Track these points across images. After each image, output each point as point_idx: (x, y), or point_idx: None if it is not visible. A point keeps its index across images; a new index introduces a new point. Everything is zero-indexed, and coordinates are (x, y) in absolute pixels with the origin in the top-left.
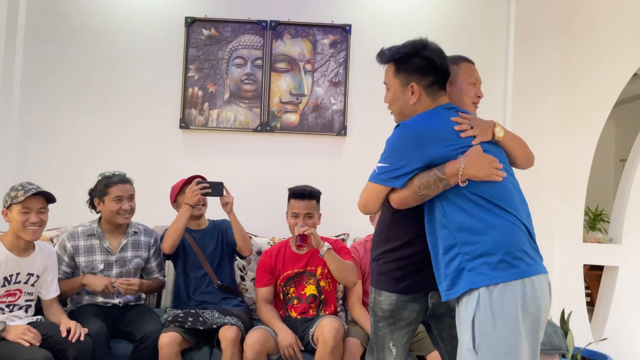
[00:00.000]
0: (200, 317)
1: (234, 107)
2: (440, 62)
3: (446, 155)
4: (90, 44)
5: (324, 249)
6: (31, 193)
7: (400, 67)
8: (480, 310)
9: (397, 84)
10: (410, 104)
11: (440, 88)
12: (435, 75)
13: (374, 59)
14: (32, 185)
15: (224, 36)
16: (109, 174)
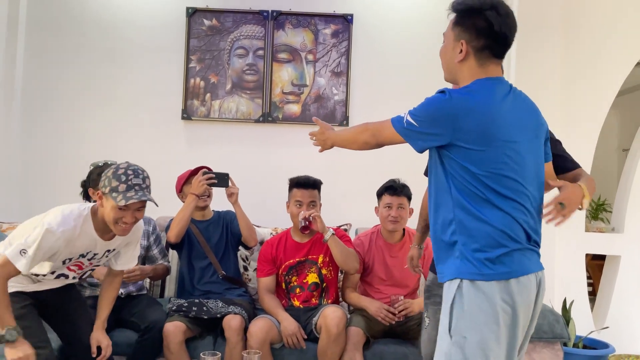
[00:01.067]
0: (204, 307)
1: (235, 98)
2: (499, 29)
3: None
4: (91, 36)
5: (328, 234)
6: (130, 202)
7: (459, 20)
8: (461, 297)
9: (450, 37)
10: (455, 62)
11: (492, 56)
12: (490, 40)
13: (377, 49)
14: (137, 177)
15: (225, 26)
16: (101, 163)
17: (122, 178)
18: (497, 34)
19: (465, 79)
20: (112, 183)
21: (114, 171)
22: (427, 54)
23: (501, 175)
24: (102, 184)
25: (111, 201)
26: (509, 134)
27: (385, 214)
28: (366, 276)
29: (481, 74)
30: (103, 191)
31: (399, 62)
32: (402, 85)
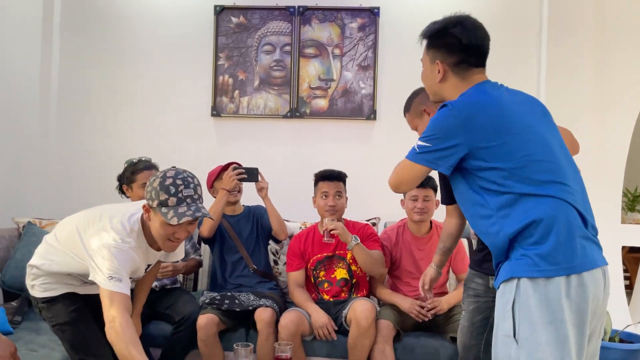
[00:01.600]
0: (236, 300)
1: (263, 94)
2: (468, 41)
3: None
4: (123, 36)
5: (352, 243)
6: (184, 221)
7: (430, 43)
8: (520, 297)
9: (426, 61)
10: (437, 83)
11: (470, 67)
12: (463, 54)
13: (404, 41)
14: (187, 189)
15: (252, 23)
16: (135, 160)
17: (171, 190)
18: (467, 47)
19: (451, 94)
20: (160, 196)
21: (161, 182)
22: None
23: (535, 161)
24: (148, 196)
25: (160, 217)
26: (521, 119)
27: (411, 206)
28: (394, 270)
29: (465, 85)
30: (150, 205)
31: None
32: None
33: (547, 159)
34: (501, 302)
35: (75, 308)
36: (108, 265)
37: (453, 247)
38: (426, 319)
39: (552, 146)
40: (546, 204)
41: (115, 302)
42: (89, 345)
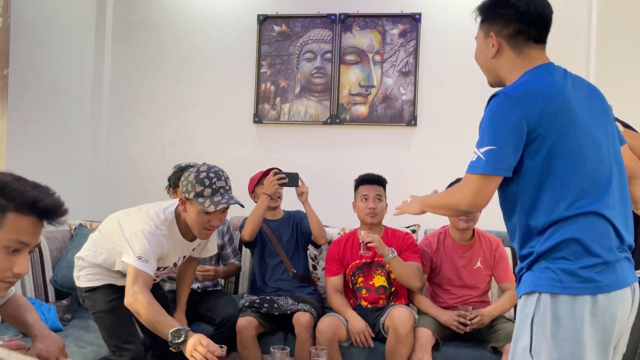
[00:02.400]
0: (275, 304)
1: (304, 101)
2: (526, 8)
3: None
4: (170, 45)
5: (388, 256)
6: (220, 207)
7: (484, 16)
8: (540, 312)
9: (480, 36)
10: (491, 59)
11: (528, 40)
12: (520, 23)
13: (445, 47)
14: (220, 180)
15: (294, 32)
16: (183, 165)
17: (206, 182)
18: (525, 13)
19: (509, 72)
20: (196, 188)
21: (196, 175)
22: None
23: (582, 170)
24: (184, 189)
25: (197, 206)
26: (580, 116)
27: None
28: (434, 277)
29: (524, 63)
30: (186, 197)
31: (467, 60)
32: (472, 83)
33: (595, 167)
34: (521, 315)
35: (113, 298)
36: (139, 246)
37: None
38: (466, 331)
39: (603, 152)
40: (581, 221)
41: (139, 279)
42: (123, 332)
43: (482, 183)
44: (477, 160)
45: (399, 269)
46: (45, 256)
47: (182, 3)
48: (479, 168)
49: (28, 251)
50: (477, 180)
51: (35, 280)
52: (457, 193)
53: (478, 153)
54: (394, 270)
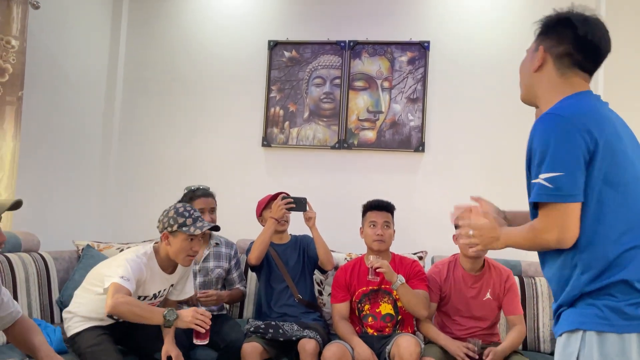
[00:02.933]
0: (280, 329)
1: (313, 125)
2: (584, 33)
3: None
4: (182, 69)
5: (397, 283)
6: (205, 229)
7: (542, 30)
8: (585, 351)
9: (531, 48)
10: (532, 72)
11: (574, 65)
12: (572, 46)
13: (453, 74)
14: (196, 212)
15: (304, 57)
16: (194, 188)
17: (186, 214)
18: (580, 39)
19: (545, 91)
20: (178, 220)
21: (175, 211)
22: (503, 80)
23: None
24: (166, 225)
25: (181, 235)
26: (626, 145)
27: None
28: (443, 306)
29: (563, 86)
30: (170, 230)
31: (475, 87)
32: (479, 110)
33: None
34: (564, 354)
35: (101, 333)
36: (122, 271)
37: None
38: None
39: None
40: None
41: (119, 290)
42: (107, 357)
43: (563, 213)
44: (544, 188)
45: (406, 297)
46: (52, 277)
47: (195, 28)
48: (554, 197)
49: None
50: (557, 211)
51: (41, 300)
52: (542, 231)
53: (542, 181)
54: (402, 297)
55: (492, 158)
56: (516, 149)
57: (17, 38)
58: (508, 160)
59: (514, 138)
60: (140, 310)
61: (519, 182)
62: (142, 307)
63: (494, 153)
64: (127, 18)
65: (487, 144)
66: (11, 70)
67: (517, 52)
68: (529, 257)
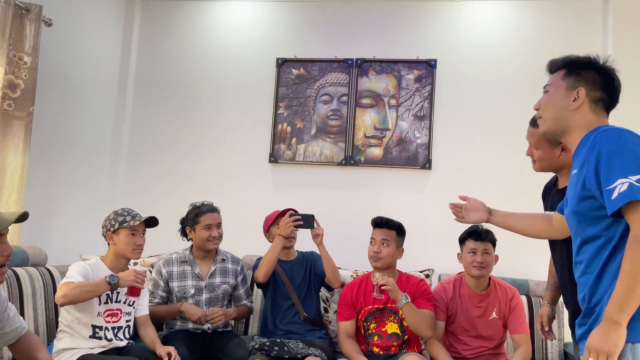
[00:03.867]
0: (285, 347)
1: (320, 142)
2: (618, 84)
3: None
4: (191, 86)
5: (401, 302)
6: (143, 219)
7: (572, 71)
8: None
9: (561, 86)
10: (569, 110)
11: (604, 109)
12: (606, 93)
13: (460, 92)
14: (134, 211)
15: (312, 75)
16: (199, 204)
17: (125, 213)
18: (612, 88)
19: (579, 128)
20: (118, 219)
21: (115, 212)
22: (511, 97)
23: None
24: (109, 226)
25: (123, 231)
26: None
27: (469, 259)
28: (449, 325)
29: (597, 124)
30: (112, 230)
31: (482, 104)
32: (486, 127)
33: None
34: None
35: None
36: (67, 274)
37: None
38: None
39: None
40: None
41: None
42: None
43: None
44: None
45: (411, 316)
46: None
47: (204, 46)
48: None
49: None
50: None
51: (47, 315)
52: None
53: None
54: (406, 317)
55: (499, 175)
56: (523, 165)
57: (29, 54)
58: (515, 177)
59: (521, 155)
60: (87, 287)
61: (526, 198)
62: (86, 284)
63: (500, 170)
64: (138, 35)
65: (494, 160)
66: (22, 86)
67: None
68: (536, 277)
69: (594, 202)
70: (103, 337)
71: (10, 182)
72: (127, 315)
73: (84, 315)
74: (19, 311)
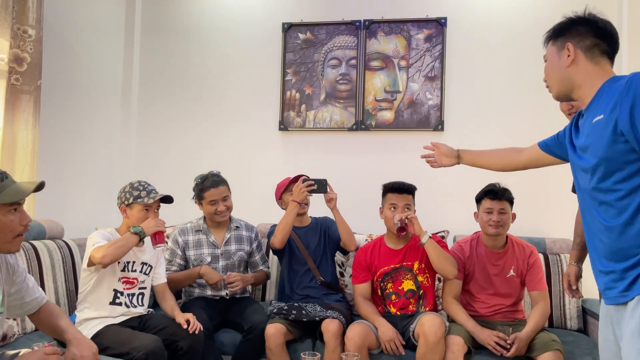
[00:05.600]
0: (303, 310)
1: (329, 108)
2: (603, 25)
3: None
4: (197, 54)
5: (425, 237)
6: (158, 198)
7: (556, 35)
8: None
9: (553, 51)
10: (567, 68)
11: (602, 53)
12: (596, 38)
13: (471, 51)
14: (150, 186)
15: (319, 39)
16: (202, 178)
17: (140, 188)
18: (601, 30)
19: (584, 80)
20: (133, 194)
21: (130, 186)
22: (522, 54)
23: None
24: (124, 199)
25: (138, 206)
26: None
27: (485, 218)
28: (466, 284)
29: (600, 72)
30: (127, 204)
31: (494, 62)
32: (499, 86)
33: None
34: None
35: (117, 331)
36: (92, 242)
37: None
38: (505, 355)
39: None
40: None
41: (102, 247)
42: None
43: None
44: None
45: (434, 252)
46: (77, 263)
47: (209, 13)
48: None
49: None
50: None
51: (67, 287)
52: None
53: None
54: (430, 253)
55: (512, 133)
56: (536, 123)
57: (33, 27)
58: (528, 135)
59: (534, 112)
60: (120, 242)
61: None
62: (117, 240)
63: (514, 129)
64: (141, 4)
65: (507, 120)
66: (29, 60)
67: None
68: (553, 234)
69: (625, 146)
70: (122, 303)
71: (22, 158)
72: (142, 283)
73: (106, 278)
74: (38, 283)
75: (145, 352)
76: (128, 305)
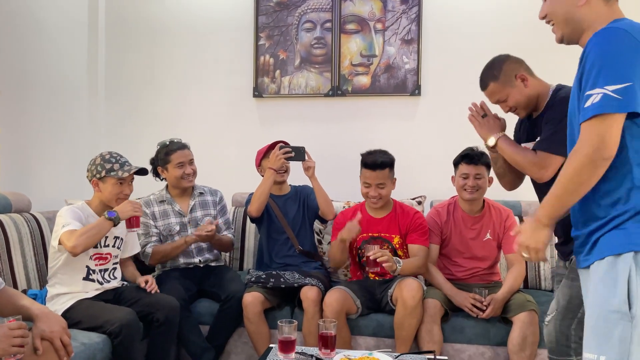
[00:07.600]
0: (281, 278)
1: (304, 73)
2: None
3: None
4: (165, 18)
5: (397, 269)
6: (133, 172)
7: None
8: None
9: None
10: (578, 6)
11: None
12: None
13: (449, 13)
14: (122, 157)
15: (292, 1)
16: (167, 142)
17: (112, 160)
18: None
19: (593, 22)
20: (105, 166)
21: (102, 158)
22: (501, 17)
23: None
24: (95, 172)
25: (110, 180)
26: None
27: (461, 183)
28: (443, 248)
29: (610, 14)
30: (98, 177)
31: (472, 25)
32: (476, 50)
33: None
34: (607, 278)
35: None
36: (61, 221)
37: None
38: (481, 316)
39: None
40: None
41: (70, 234)
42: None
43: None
44: (607, 99)
45: (407, 272)
46: (46, 237)
47: None
48: (618, 107)
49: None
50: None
51: (37, 261)
52: (580, 153)
53: (602, 92)
54: (403, 273)
55: None
56: None
57: None
58: None
59: None
60: (93, 230)
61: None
62: (90, 228)
63: None
64: None
65: None
66: None
67: None
68: (528, 197)
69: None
70: (95, 280)
71: None
72: (115, 258)
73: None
74: (6, 258)
75: (119, 324)
76: (101, 282)
